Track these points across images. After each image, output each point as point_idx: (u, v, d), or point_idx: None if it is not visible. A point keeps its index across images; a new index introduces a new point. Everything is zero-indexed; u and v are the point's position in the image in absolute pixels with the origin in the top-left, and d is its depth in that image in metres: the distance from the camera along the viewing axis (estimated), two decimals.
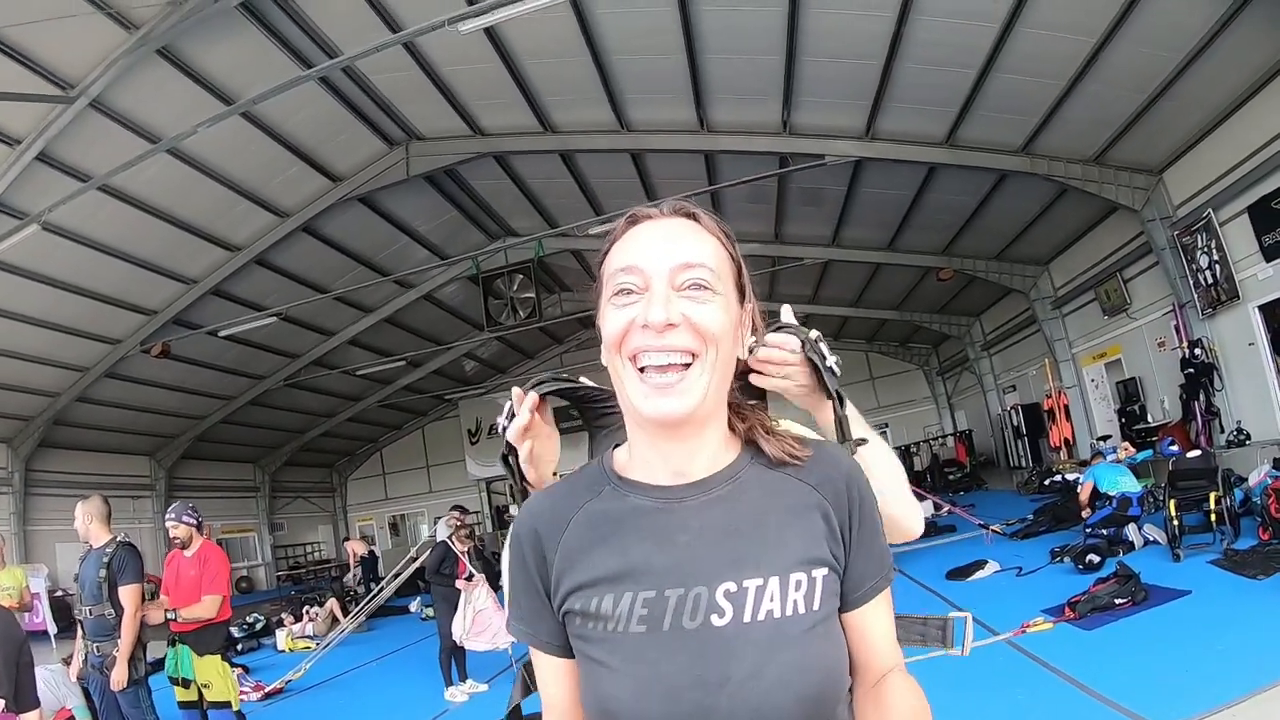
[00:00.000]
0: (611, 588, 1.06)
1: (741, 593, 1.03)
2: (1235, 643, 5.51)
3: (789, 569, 1.05)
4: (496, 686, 8.46)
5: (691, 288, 1.05)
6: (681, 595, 1.03)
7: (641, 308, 1.04)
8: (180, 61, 10.27)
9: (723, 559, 1.05)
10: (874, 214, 15.42)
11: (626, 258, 1.08)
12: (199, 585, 5.84)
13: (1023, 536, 11.98)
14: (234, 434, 22.56)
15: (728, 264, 1.12)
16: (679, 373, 1.04)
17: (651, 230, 1.11)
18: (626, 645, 1.03)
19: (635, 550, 1.08)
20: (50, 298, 13.41)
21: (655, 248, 1.07)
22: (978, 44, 9.88)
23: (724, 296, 1.08)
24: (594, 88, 11.82)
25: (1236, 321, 11.19)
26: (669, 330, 1.03)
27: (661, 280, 1.04)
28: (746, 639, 1.01)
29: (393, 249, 17.22)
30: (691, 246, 1.08)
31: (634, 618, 1.04)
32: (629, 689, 1.01)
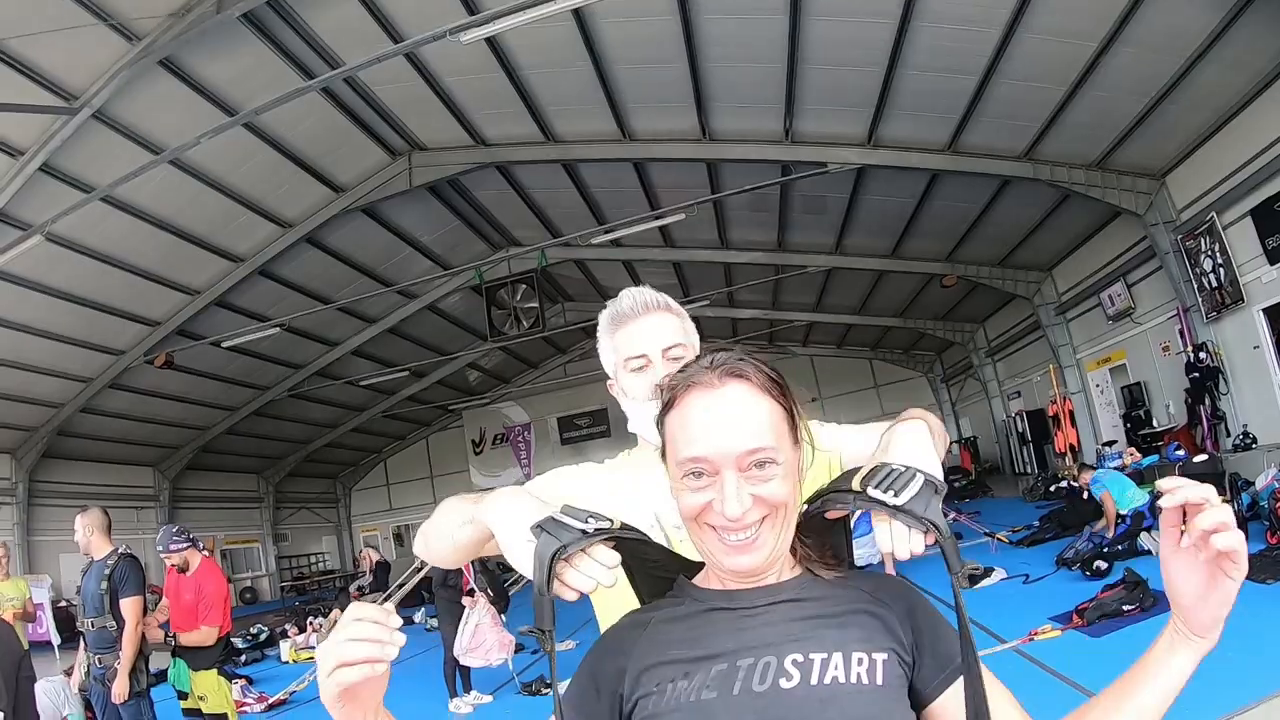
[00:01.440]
0: (685, 669, 1.11)
1: (808, 662, 1.08)
2: (1244, 648, 5.45)
3: (851, 649, 1.09)
4: (501, 698, 8.43)
5: (756, 467, 1.11)
6: (751, 664, 1.09)
7: (715, 497, 1.11)
8: (183, 73, 10.30)
9: (790, 637, 1.11)
10: (877, 221, 15.41)
11: (693, 445, 1.12)
12: (195, 611, 5.82)
13: (1029, 544, 11.92)
14: (238, 445, 22.56)
15: (782, 420, 1.16)
16: (753, 531, 1.12)
17: (709, 406, 1.14)
18: (697, 710, 1.07)
19: (709, 639, 1.14)
20: (54, 308, 13.43)
21: (717, 435, 1.11)
22: (979, 50, 9.88)
23: (785, 458, 1.14)
24: (596, 97, 11.83)
25: (1241, 325, 11.15)
26: (742, 517, 1.10)
27: (730, 469, 1.10)
28: (813, 697, 1.04)
29: (396, 259, 17.22)
30: (751, 429, 1.12)
31: (705, 687, 1.08)
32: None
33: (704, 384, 1.15)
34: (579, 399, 26.80)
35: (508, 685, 8.75)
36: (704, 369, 1.16)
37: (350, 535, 29.94)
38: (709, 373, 1.15)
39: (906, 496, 1.09)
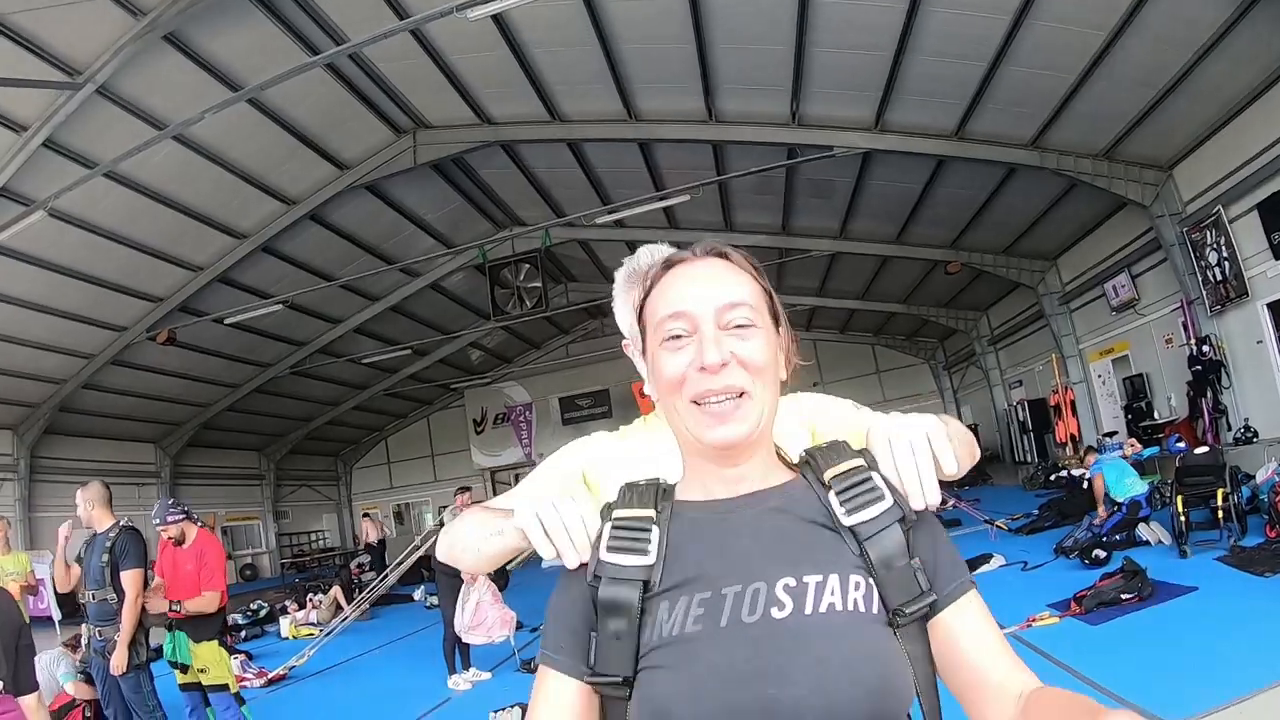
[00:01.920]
0: (667, 595, 1.06)
1: (801, 587, 1.02)
2: (1242, 640, 5.49)
3: (848, 571, 1.03)
4: (500, 675, 8.47)
5: (736, 326, 1.10)
6: (739, 591, 1.03)
7: (694, 351, 1.09)
8: (187, 48, 10.25)
9: (781, 558, 1.05)
10: (882, 206, 15.37)
11: (671, 304, 1.13)
12: (197, 580, 5.85)
13: (1028, 532, 11.97)
14: (239, 422, 22.62)
15: (762, 297, 1.17)
16: (734, 402, 1.09)
17: (689, 273, 1.16)
18: (683, 645, 1.02)
19: (691, 560, 1.08)
20: (56, 284, 13.42)
21: (698, 291, 1.12)
22: (988, 36, 9.81)
23: (765, 330, 1.14)
24: (603, 77, 11.77)
25: (1245, 319, 11.13)
26: (723, 369, 1.08)
27: (709, 322, 1.10)
28: (809, 629, 0.99)
29: (399, 237, 17.20)
30: (730, 286, 1.13)
31: (690, 619, 1.03)
32: (685, 686, 0.99)
33: (685, 261, 1.18)
34: (581, 379, 26.81)
35: (508, 662, 8.80)
36: (685, 253, 1.19)
37: (350, 513, 30.03)
38: (689, 254, 1.19)
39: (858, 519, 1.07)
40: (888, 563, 1.04)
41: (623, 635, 1.06)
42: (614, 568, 1.09)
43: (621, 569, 1.09)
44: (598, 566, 1.10)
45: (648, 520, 1.13)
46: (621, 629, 1.06)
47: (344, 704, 8.48)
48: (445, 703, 7.80)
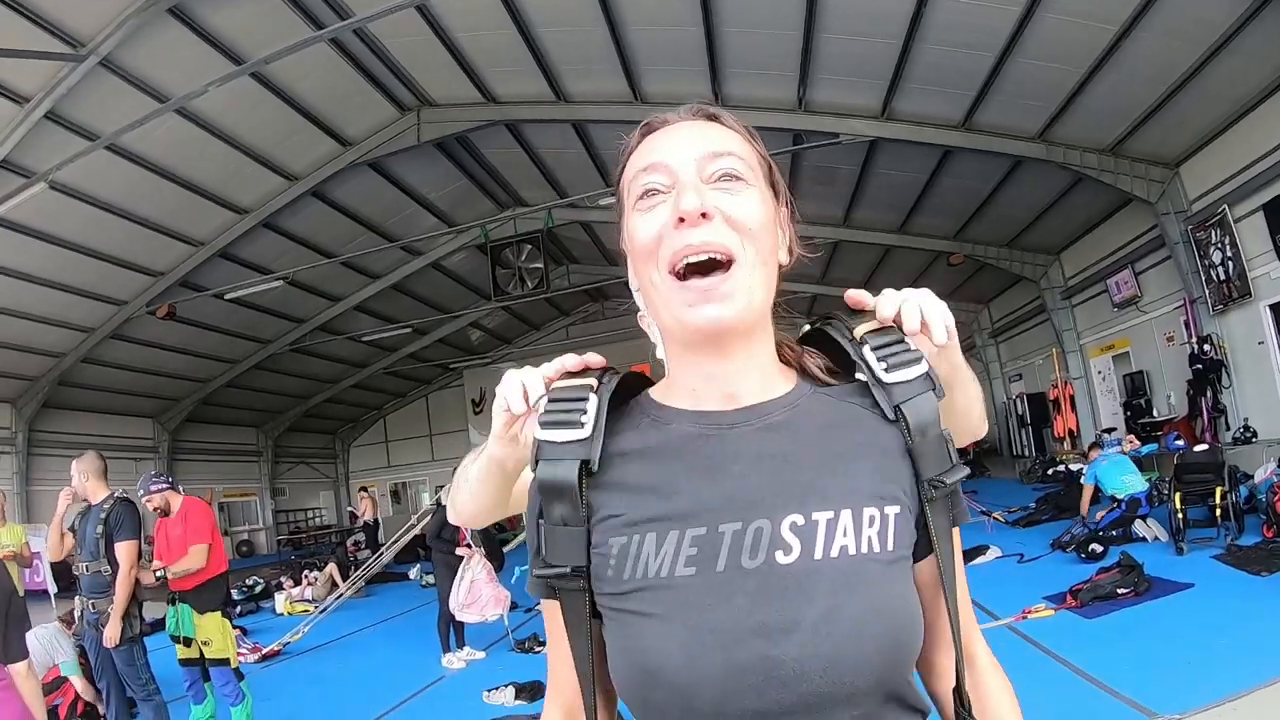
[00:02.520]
0: (653, 526, 0.93)
1: (811, 526, 0.90)
2: (1236, 638, 5.50)
3: (861, 503, 0.93)
4: (494, 654, 8.50)
5: (723, 179, 0.96)
6: (739, 530, 0.91)
7: (671, 204, 0.95)
8: (191, 20, 10.17)
9: (786, 489, 0.93)
10: (887, 195, 15.31)
11: (647, 157, 1.00)
12: (185, 541, 5.86)
13: (1025, 525, 11.99)
14: (238, 398, 22.59)
15: (757, 159, 1.03)
16: (721, 274, 0.93)
17: (671, 130, 1.02)
18: (673, 591, 0.90)
19: (682, 484, 0.95)
20: (56, 258, 13.36)
21: (676, 140, 0.99)
22: (998, 27, 9.74)
23: (758, 190, 0.99)
24: (609, 58, 11.70)
25: (1247, 319, 11.12)
26: (704, 224, 0.93)
27: (689, 171, 0.96)
28: (819, 577, 0.88)
29: (401, 215, 17.14)
30: (716, 138, 0.99)
31: (681, 558, 0.91)
32: (677, 639, 0.88)
33: (666, 122, 1.04)
34: None
35: (501, 642, 8.82)
36: (668, 112, 1.05)
37: (348, 491, 30.07)
38: (671, 114, 1.04)
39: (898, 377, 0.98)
40: (923, 429, 0.96)
41: (569, 520, 0.95)
42: (548, 446, 0.97)
43: (555, 446, 0.96)
44: (536, 449, 0.98)
45: (583, 389, 1.01)
46: (567, 514, 0.96)
47: (338, 680, 8.51)
48: (439, 681, 7.83)
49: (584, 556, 0.95)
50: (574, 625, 0.98)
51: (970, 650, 1.05)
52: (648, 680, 0.90)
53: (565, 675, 1.03)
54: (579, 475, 0.95)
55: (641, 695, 0.92)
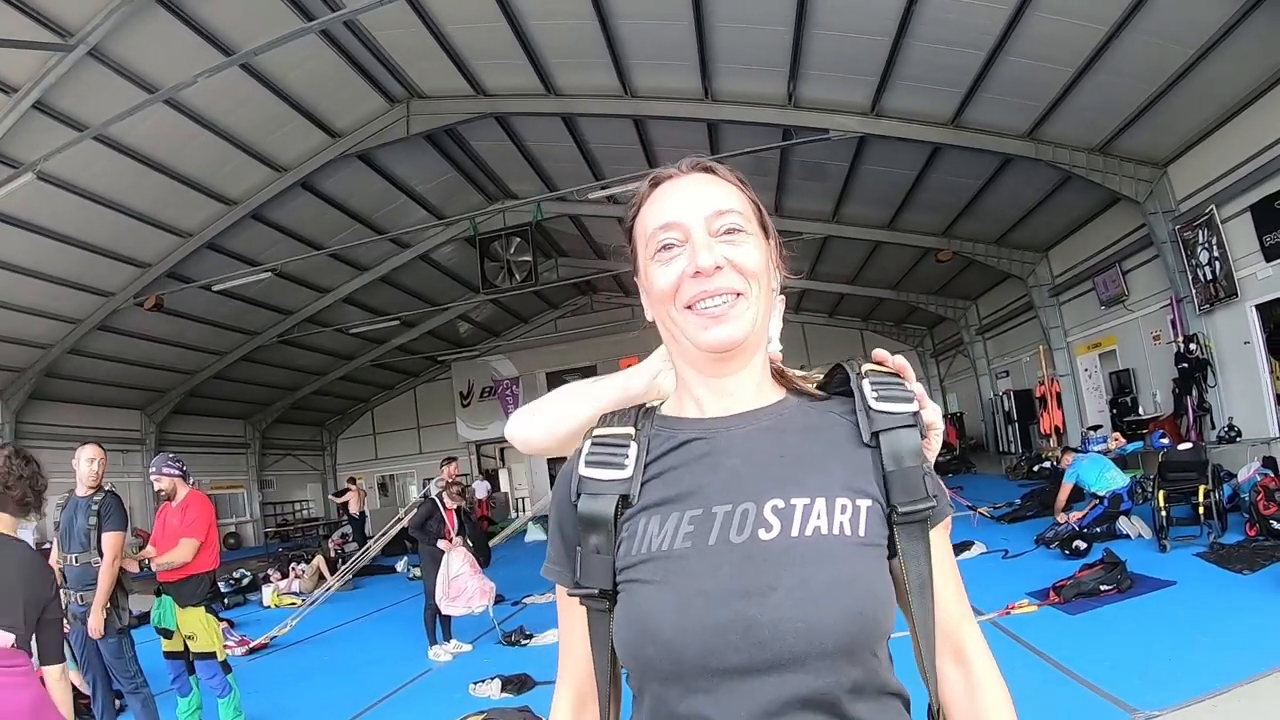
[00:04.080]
0: (659, 510, 1.09)
1: (789, 509, 1.04)
2: (1218, 635, 5.55)
3: (835, 493, 1.06)
4: (480, 647, 8.51)
5: (727, 233, 1.12)
6: (729, 511, 1.05)
7: (688, 258, 1.11)
8: (181, 10, 10.13)
9: (770, 479, 1.07)
10: (875, 192, 15.36)
11: (662, 216, 1.15)
12: (179, 533, 5.84)
13: (1009, 520, 12.05)
14: (225, 390, 22.52)
15: (751, 207, 1.19)
16: (730, 302, 1.10)
17: (676, 186, 1.18)
18: (671, 561, 1.04)
19: (685, 476, 1.11)
20: (44, 248, 13.29)
21: (686, 200, 1.14)
22: (988, 25, 9.77)
23: (756, 236, 1.15)
24: (599, 51, 11.69)
25: (1233, 319, 11.18)
26: (717, 274, 1.09)
27: (700, 229, 1.11)
28: (794, 551, 1.01)
29: (390, 207, 17.10)
30: (718, 195, 1.15)
31: (680, 535, 1.06)
32: (670, 602, 1.02)
33: (672, 177, 1.20)
34: (569, 355, 26.73)
35: (488, 635, 8.83)
36: (672, 168, 1.21)
37: (335, 483, 30.03)
38: (675, 169, 1.20)
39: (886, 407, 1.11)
40: (899, 458, 1.08)
41: (602, 549, 1.10)
42: (591, 482, 1.13)
43: (598, 483, 1.13)
44: (578, 483, 1.14)
45: (625, 437, 1.16)
46: (600, 543, 1.11)
47: (325, 673, 8.51)
48: (426, 673, 7.83)
49: (611, 581, 1.09)
50: (597, 639, 1.13)
51: (964, 653, 1.16)
52: (644, 638, 1.03)
53: (577, 659, 1.19)
54: (615, 510, 1.11)
55: (637, 653, 1.04)
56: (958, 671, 1.15)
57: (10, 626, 3.09)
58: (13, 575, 3.22)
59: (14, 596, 3.14)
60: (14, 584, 3.18)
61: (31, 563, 3.39)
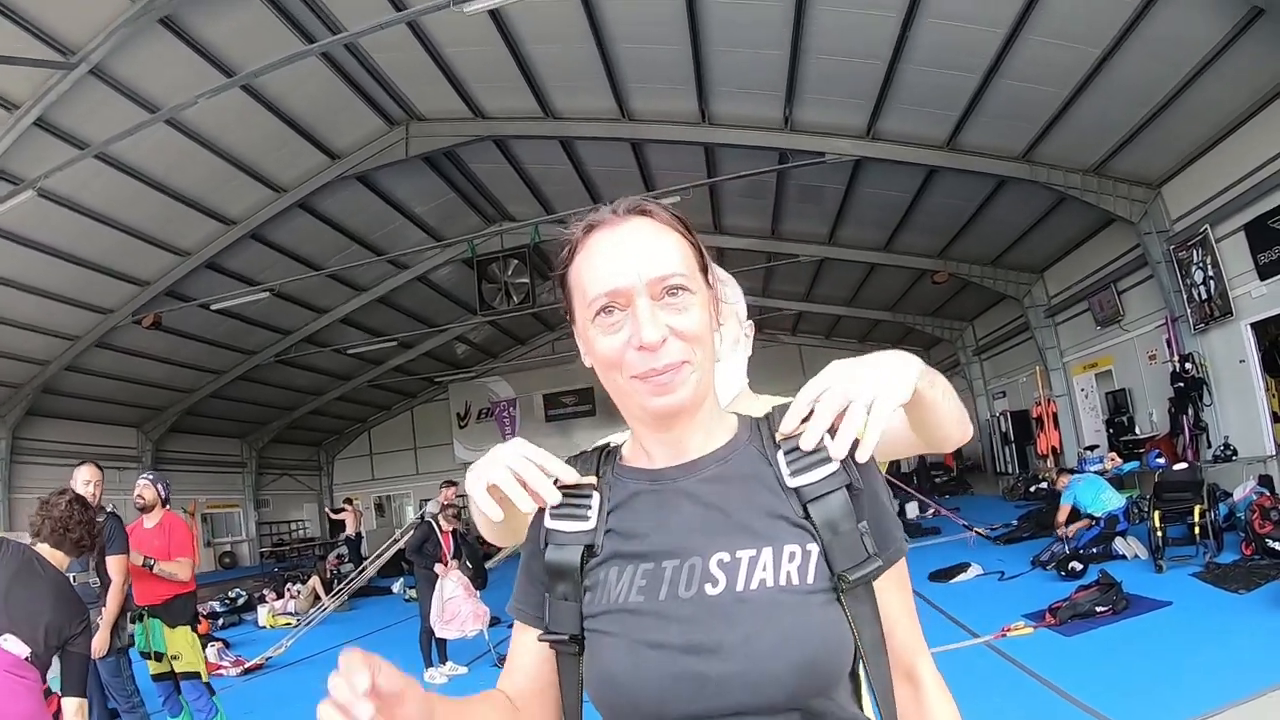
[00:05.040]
0: (615, 563, 1.12)
1: (735, 563, 1.05)
2: (1214, 655, 5.55)
3: (783, 540, 1.06)
4: (476, 670, 8.48)
5: (669, 294, 1.09)
6: (677, 566, 1.07)
7: (630, 329, 1.08)
8: (183, 31, 10.18)
9: (716, 531, 1.09)
10: (871, 214, 15.43)
11: (600, 280, 1.10)
12: (167, 552, 5.84)
13: (1006, 541, 12.04)
14: (222, 409, 22.46)
15: (691, 254, 1.15)
16: (674, 371, 1.08)
17: (613, 239, 1.13)
18: (625, 614, 1.07)
19: (637, 530, 1.13)
20: (43, 265, 13.29)
21: (626, 265, 1.09)
22: (982, 49, 9.86)
23: (699, 292, 1.12)
24: (597, 75, 11.77)
25: (1228, 338, 11.21)
26: (661, 346, 1.07)
27: (642, 296, 1.08)
28: (740, 606, 1.03)
29: (388, 229, 17.15)
30: (659, 254, 1.10)
31: (634, 589, 1.08)
32: (625, 654, 1.05)
33: (607, 223, 1.15)
34: (566, 377, 26.71)
35: (484, 657, 8.80)
36: (606, 212, 1.16)
37: (331, 504, 29.91)
38: (611, 214, 1.16)
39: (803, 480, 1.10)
40: (833, 526, 1.07)
41: (569, 596, 1.13)
42: (558, 534, 1.16)
43: (564, 534, 1.16)
44: (545, 535, 1.18)
45: (589, 487, 1.18)
46: (568, 591, 1.14)
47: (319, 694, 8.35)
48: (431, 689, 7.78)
49: (578, 626, 1.12)
50: (566, 679, 1.17)
51: (915, 674, 1.21)
52: (607, 686, 1.07)
53: (521, 665, 1.23)
54: (581, 560, 1.14)
55: (602, 697, 1.08)
56: (907, 688, 1.18)
57: (28, 641, 3.27)
58: (44, 599, 3.42)
59: (39, 617, 3.34)
60: (43, 608, 3.39)
61: (65, 594, 3.57)
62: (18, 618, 3.28)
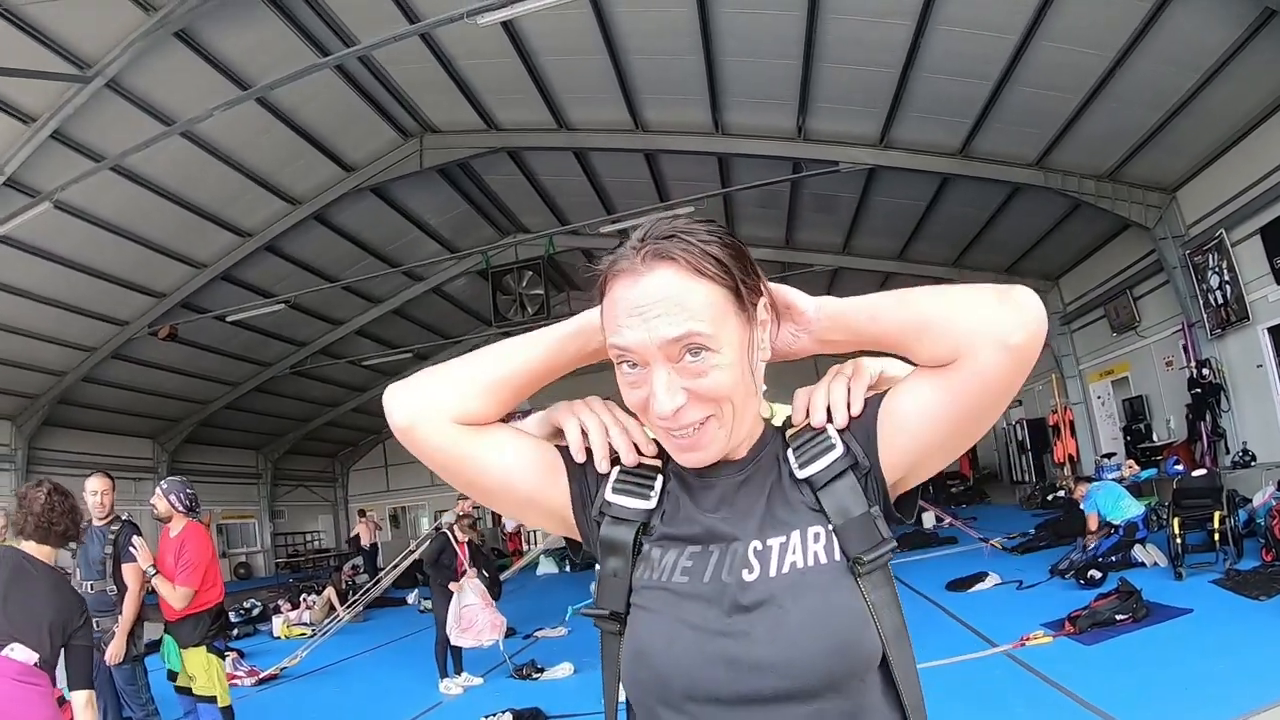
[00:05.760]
0: (665, 542, 1.14)
1: (766, 551, 1.08)
2: (1235, 663, 5.49)
3: (807, 524, 1.09)
4: (491, 680, 8.45)
5: (689, 354, 1.03)
6: (721, 551, 1.10)
7: (648, 392, 1.06)
8: (198, 45, 10.30)
9: (752, 524, 1.11)
10: (885, 223, 15.40)
11: (619, 335, 1.06)
12: (174, 570, 5.65)
13: (1023, 551, 11.93)
14: (238, 420, 22.60)
15: (720, 298, 1.05)
16: (699, 429, 1.07)
17: (631, 294, 1.05)
18: (668, 593, 1.09)
19: (684, 514, 1.15)
20: (60, 277, 13.44)
21: (642, 327, 1.03)
22: (995, 55, 9.85)
23: (726, 345, 1.04)
24: (610, 86, 11.82)
25: (1245, 343, 11.14)
26: (678, 414, 1.05)
27: (657, 359, 1.03)
28: (772, 590, 1.05)
29: (403, 241, 17.23)
30: (677, 314, 1.02)
31: (679, 569, 1.10)
32: (662, 631, 1.07)
33: (627, 273, 1.06)
34: (581, 388, 25.03)
35: (499, 668, 8.77)
36: (631, 250, 1.07)
37: (346, 515, 29.97)
38: (634, 255, 1.06)
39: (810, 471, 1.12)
40: (843, 512, 1.09)
41: (619, 573, 1.14)
42: (617, 508, 1.17)
43: (624, 509, 1.16)
44: (603, 505, 1.17)
45: (654, 470, 1.19)
46: (619, 568, 1.15)
47: (335, 705, 8.46)
48: (436, 706, 7.78)
49: (624, 604, 1.13)
50: (608, 660, 1.16)
51: None
52: (638, 660, 1.08)
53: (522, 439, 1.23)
54: (635, 537, 1.15)
55: (632, 673, 1.10)
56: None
57: (35, 646, 3.23)
58: (42, 600, 3.39)
59: (40, 620, 3.30)
60: (43, 608, 3.35)
61: (61, 589, 3.54)
62: (20, 623, 3.25)
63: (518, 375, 1.24)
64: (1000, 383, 1.05)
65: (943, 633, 7.77)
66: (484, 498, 1.26)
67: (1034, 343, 1.03)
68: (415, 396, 1.22)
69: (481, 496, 1.26)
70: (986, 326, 1.03)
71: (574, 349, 1.25)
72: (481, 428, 1.20)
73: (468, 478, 1.21)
